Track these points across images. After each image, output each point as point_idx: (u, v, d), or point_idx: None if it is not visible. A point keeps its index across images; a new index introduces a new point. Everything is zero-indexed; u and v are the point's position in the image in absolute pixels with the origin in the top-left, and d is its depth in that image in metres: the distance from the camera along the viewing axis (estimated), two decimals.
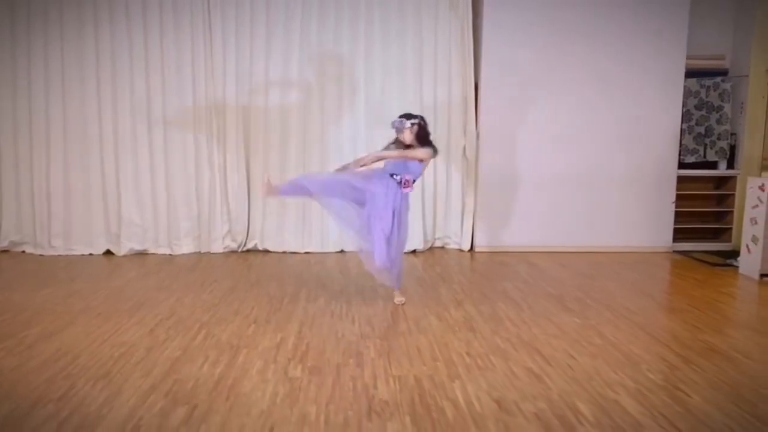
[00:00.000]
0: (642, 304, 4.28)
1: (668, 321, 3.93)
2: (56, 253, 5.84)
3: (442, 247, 6.28)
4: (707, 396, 2.80)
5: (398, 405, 2.69)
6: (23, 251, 5.94)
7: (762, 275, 5.02)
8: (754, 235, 5.12)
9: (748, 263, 5.17)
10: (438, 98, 6.02)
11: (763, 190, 5.03)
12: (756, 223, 5.10)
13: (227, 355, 3.25)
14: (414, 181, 4.09)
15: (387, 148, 4.18)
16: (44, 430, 2.43)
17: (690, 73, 6.07)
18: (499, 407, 2.67)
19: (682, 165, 6.20)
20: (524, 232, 6.09)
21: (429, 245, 6.21)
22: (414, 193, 5.81)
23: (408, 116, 4.08)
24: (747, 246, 5.20)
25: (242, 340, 3.49)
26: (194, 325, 3.75)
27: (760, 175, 6.03)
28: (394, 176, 4.02)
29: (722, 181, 6.45)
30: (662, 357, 3.28)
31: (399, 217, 4.03)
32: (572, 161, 6.02)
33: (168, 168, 5.88)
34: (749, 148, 6.19)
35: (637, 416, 2.59)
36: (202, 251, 5.99)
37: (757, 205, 5.10)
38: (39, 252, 5.86)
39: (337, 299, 4.36)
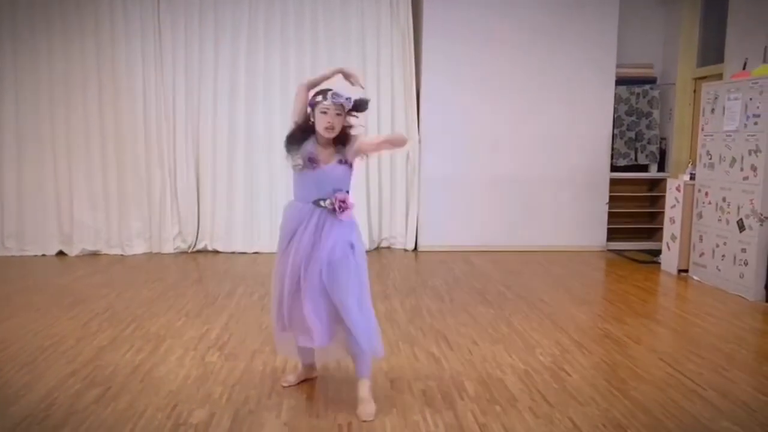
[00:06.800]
0: (558, 297, 4.55)
1: (577, 311, 4.20)
2: (9, 254, 5.98)
3: (389, 247, 6.52)
4: (585, 375, 3.07)
5: (300, 386, 2.92)
6: None
7: (680, 270, 5.34)
8: (672, 234, 5.43)
9: (668, 259, 5.49)
10: (381, 104, 6.27)
11: (679, 191, 5.35)
12: (674, 222, 5.42)
13: (152, 345, 3.45)
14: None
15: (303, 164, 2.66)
16: None
17: (620, 81, 6.40)
18: (392, 386, 2.92)
19: (615, 168, 6.52)
20: (465, 232, 6.35)
21: (375, 245, 6.44)
22: (361, 196, 6.15)
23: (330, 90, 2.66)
24: (667, 244, 5.52)
25: (169, 331, 3.70)
26: (127, 318, 3.95)
27: None
28: (322, 202, 2.66)
29: (654, 184, 6.78)
30: (559, 342, 3.55)
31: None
32: (510, 164, 6.31)
33: (119, 169, 6.06)
34: (678, 152, 6.52)
35: (515, 392, 2.85)
36: (154, 252, 6.17)
37: (674, 205, 5.42)
38: None
39: (271, 295, 4.56)
